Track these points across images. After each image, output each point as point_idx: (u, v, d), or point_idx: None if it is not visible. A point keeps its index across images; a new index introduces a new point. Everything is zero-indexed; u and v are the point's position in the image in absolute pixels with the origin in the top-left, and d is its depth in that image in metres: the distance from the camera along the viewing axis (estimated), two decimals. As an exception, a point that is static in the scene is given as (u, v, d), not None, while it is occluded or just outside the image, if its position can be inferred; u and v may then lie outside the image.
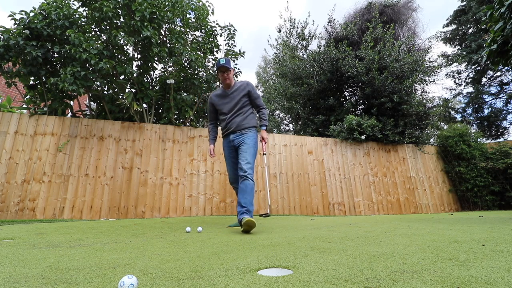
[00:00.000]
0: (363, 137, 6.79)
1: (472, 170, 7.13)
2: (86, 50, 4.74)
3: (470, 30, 13.82)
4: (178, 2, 5.63)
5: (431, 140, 8.32)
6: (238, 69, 6.49)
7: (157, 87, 6.09)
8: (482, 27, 12.60)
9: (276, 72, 10.09)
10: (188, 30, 6.22)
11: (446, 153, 7.52)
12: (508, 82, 13.71)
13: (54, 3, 5.09)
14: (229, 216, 4.63)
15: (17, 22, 4.83)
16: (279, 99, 10.18)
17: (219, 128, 3.07)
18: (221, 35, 6.47)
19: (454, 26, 14.37)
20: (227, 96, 2.84)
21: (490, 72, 13.78)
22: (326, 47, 8.69)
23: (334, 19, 9.44)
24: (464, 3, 13.47)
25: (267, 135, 2.95)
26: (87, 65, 4.97)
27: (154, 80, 6.21)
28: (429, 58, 8.76)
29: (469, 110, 14.49)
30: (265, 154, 2.98)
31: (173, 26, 5.92)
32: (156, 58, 5.71)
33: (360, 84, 8.20)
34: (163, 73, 6.21)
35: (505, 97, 13.64)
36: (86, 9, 5.41)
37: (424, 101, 8.21)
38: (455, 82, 14.83)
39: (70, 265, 1.13)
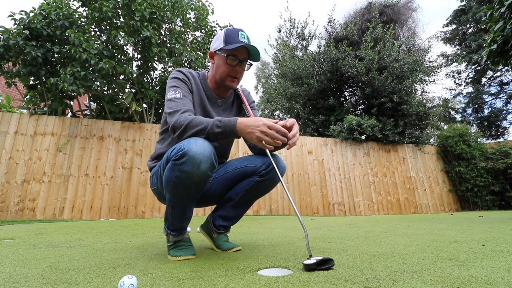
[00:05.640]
0: (363, 137, 6.79)
1: (472, 170, 7.13)
2: (86, 50, 4.74)
3: (470, 30, 13.81)
4: (178, 2, 5.63)
5: (431, 140, 8.32)
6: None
7: (157, 87, 6.08)
8: (482, 27, 12.59)
9: (276, 72, 10.09)
10: (188, 30, 6.22)
11: (446, 153, 7.52)
12: (508, 82, 13.71)
13: (54, 3, 5.09)
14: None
15: (17, 22, 4.83)
16: (279, 99, 10.17)
17: None
18: (221, 35, 6.47)
19: (454, 26, 14.37)
20: (217, 107, 1.45)
21: (490, 72, 13.77)
22: (326, 47, 8.68)
23: (334, 19, 9.45)
24: (464, 3, 13.46)
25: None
26: (87, 65, 4.97)
27: (154, 80, 6.21)
28: (429, 58, 8.77)
29: (469, 110, 14.49)
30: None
31: (173, 26, 5.93)
32: (156, 58, 5.71)
33: (360, 84, 8.20)
34: (163, 73, 6.21)
35: (505, 97, 13.65)
36: (86, 9, 5.42)
37: (424, 101, 8.21)
38: (455, 82, 14.83)
39: (70, 265, 1.13)
